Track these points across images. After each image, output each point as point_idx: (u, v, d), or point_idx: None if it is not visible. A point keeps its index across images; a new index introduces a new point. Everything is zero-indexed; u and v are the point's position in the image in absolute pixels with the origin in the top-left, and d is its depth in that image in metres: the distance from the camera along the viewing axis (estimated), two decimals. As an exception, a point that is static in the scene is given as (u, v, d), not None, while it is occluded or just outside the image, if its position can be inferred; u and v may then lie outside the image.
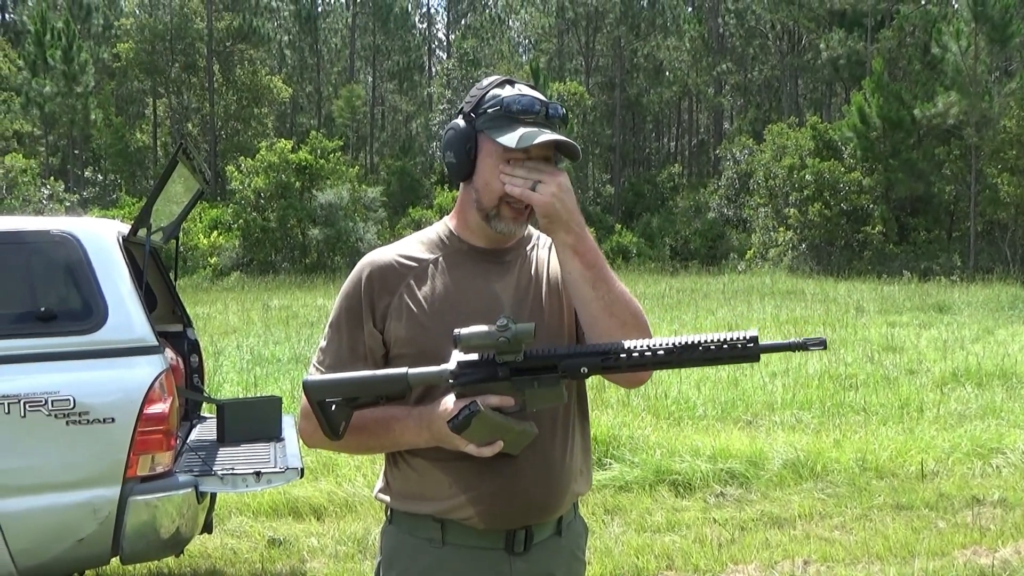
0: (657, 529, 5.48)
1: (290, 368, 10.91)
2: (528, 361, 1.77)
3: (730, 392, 9.15)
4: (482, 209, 1.92)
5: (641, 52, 49.14)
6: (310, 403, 1.81)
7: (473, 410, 1.73)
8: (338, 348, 1.95)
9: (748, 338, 1.72)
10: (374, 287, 1.94)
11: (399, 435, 1.88)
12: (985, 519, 5.57)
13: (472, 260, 1.97)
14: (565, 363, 1.77)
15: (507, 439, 1.78)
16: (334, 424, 1.81)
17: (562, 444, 1.94)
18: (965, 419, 8.02)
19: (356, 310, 1.94)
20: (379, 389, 1.81)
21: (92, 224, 4.25)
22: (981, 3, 27.63)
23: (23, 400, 3.68)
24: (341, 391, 1.81)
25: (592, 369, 1.77)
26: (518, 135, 1.83)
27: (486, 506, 1.87)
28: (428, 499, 1.92)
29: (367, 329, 1.93)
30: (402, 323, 1.91)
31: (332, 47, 56.92)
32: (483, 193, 1.91)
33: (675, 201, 41.44)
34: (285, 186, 31.94)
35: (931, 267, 27.27)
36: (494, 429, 1.76)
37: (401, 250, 1.99)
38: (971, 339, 12.90)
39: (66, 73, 34.23)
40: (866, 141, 30.53)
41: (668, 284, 24.64)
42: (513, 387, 1.77)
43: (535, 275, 1.98)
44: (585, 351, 1.79)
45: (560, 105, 1.94)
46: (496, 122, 1.87)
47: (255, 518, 5.70)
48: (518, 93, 1.90)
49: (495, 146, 1.86)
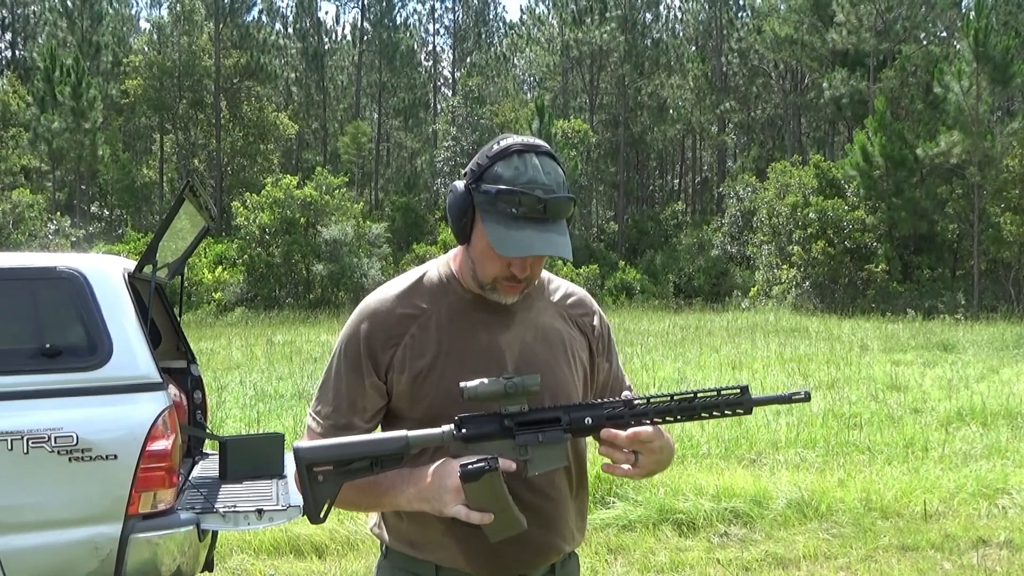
0: (660, 569, 5.44)
1: (293, 404, 10.88)
2: (532, 414, 1.77)
3: (734, 430, 9.10)
4: (476, 279, 1.89)
5: (645, 90, 49.47)
6: (298, 470, 1.74)
7: (492, 466, 1.68)
8: (336, 398, 1.91)
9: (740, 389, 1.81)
10: (375, 339, 1.89)
11: (382, 492, 1.83)
12: (991, 560, 5.52)
13: (475, 309, 1.93)
14: (570, 416, 1.79)
15: (497, 516, 1.72)
16: (319, 500, 1.73)
17: (557, 505, 1.93)
18: (970, 459, 7.97)
19: (356, 362, 1.90)
20: (376, 452, 1.74)
21: (98, 261, 4.27)
22: (982, 44, 27.82)
23: (26, 436, 3.67)
24: (335, 455, 1.74)
25: (596, 422, 1.78)
26: (508, 240, 1.75)
27: (478, 559, 1.87)
28: (421, 545, 1.91)
29: (368, 382, 1.89)
30: (406, 376, 1.88)
31: (338, 84, 57.37)
32: (478, 268, 1.87)
33: (679, 238, 41.51)
34: (290, 222, 32.05)
35: (935, 305, 27.22)
36: (494, 498, 1.71)
37: (402, 297, 1.94)
38: (976, 378, 12.85)
39: (74, 109, 34.52)
40: (869, 179, 30.62)
41: (672, 321, 24.62)
42: (516, 446, 1.76)
43: (542, 331, 1.96)
44: (589, 405, 1.81)
45: (566, 191, 1.81)
46: (492, 207, 1.77)
47: (256, 556, 5.67)
48: (519, 185, 1.76)
49: (489, 222, 1.79)
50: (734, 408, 1.81)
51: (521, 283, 1.87)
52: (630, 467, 1.79)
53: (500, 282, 1.86)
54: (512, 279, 1.85)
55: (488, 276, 1.86)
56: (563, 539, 1.95)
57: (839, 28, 37.46)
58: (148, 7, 76.56)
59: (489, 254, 1.82)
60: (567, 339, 1.99)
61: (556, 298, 2.03)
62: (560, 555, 1.96)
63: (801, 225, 31.08)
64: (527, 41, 53.17)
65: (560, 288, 2.05)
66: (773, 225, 32.76)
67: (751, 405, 1.81)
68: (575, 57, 48.94)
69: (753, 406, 1.82)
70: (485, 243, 1.81)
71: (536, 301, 1.98)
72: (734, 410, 1.82)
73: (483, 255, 1.85)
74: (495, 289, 1.87)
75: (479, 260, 1.86)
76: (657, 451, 1.80)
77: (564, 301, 2.04)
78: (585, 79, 49.82)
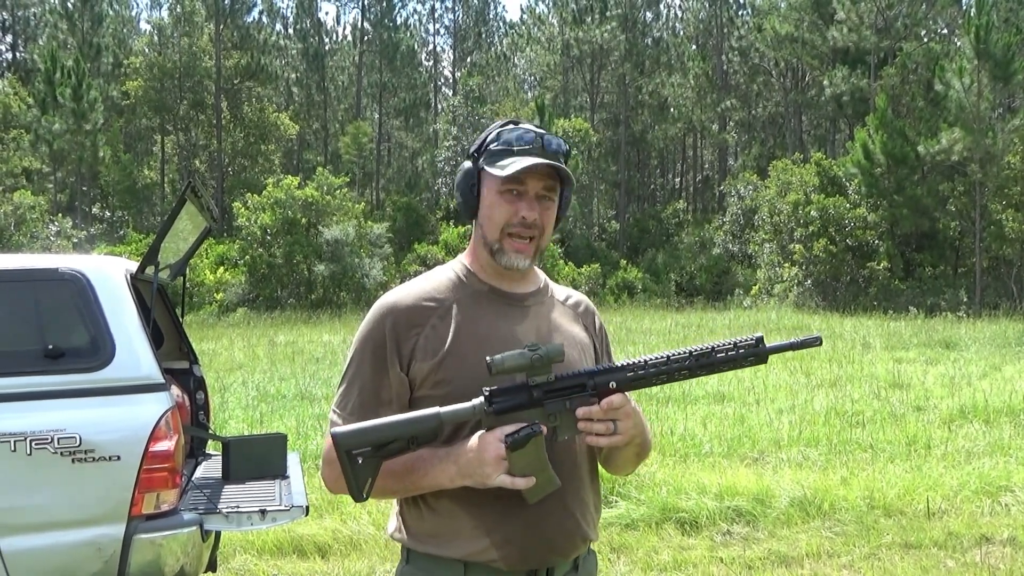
0: (663, 568, 5.44)
1: (295, 405, 10.89)
2: (559, 381, 1.84)
3: (736, 429, 9.11)
4: (487, 244, 1.96)
5: (646, 89, 49.48)
6: (338, 455, 1.79)
7: (535, 430, 1.78)
8: (361, 392, 1.94)
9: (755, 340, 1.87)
10: (399, 329, 1.94)
11: (423, 475, 1.87)
12: (994, 558, 5.52)
13: (491, 301, 1.99)
14: (594, 380, 1.85)
15: (539, 479, 1.80)
16: (361, 480, 1.80)
17: (579, 491, 1.97)
18: (973, 456, 7.96)
19: (381, 353, 1.93)
20: (411, 431, 1.80)
21: (100, 262, 4.27)
22: (983, 41, 27.79)
23: (29, 438, 3.68)
24: (372, 438, 1.80)
25: (620, 384, 1.85)
26: (509, 164, 1.88)
27: (509, 549, 1.88)
28: (450, 541, 1.91)
29: (393, 372, 1.92)
30: (429, 363, 1.91)
31: (339, 84, 57.38)
32: (487, 227, 1.95)
33: (680, 237, 41.51)
34: (291, 222, 32.05)
35: (937, 303, 27.19)
36: (535, 462, 1.79)
37: (420, 291, 1.99)
38: (978, 375, 12.85)
39: (75, 111, 34.53)
40: (870, 177, 30.59)
41: (673, 320, 24.62)
42: (545, 413, 1.83)
43: (555, 326, 2.03)
44: (611, 368, 1.88)
45: (563, 141, 1.97)
46: (495, 157, 1.92)
47: (259, 556, 5.67)
48: (517, 128, 1.95)
49: (494, 179, 1.91)
50: (750, 358, 1.87)
51: (530, 238, 1.93)
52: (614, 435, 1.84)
53: (508, 238, 1.93)
54: (521, 225, 1.92)
55: (497, 227, 1.93)
56: (588, 525, 1.99)
57: (840, 26, 37.43)
58: (148, 8, 76.71)
59: (496, 202, 1.93)
60: (577, 336, 2.06)
61: (561, 299, 2.12)
62: (587, 542, 2.00)
63: (803, 223, 31.06)
64: (527, 40, 53.21)
65: (562, 292, 2.15)
66: (775, 223, 32.74)
67: (766, 353, 1.88)
68: (576, 56, 48.95)
69: (768, 354, 1.88)
70: (492, 193, 1.93)
71: (545, 298, 2.07)
72: (750, 360, 1.88)
73: (491, 207, 1.94)
74: (504, 251, 1.94)
75: (487, 217, 1.95)
76: (632, 414, 1.85)
77: (568, 302, 2.13)
78: (586, 78, 49.82)
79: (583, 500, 1.98)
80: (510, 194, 1.92)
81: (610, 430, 1.83)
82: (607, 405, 1.82)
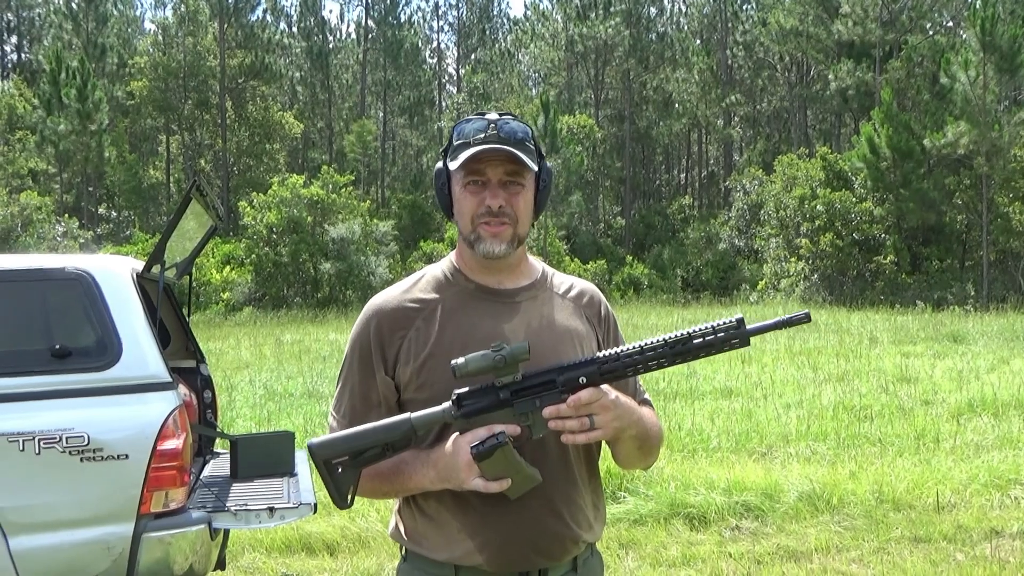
0: (672, 563, 5.44)
1: (303, 403, 10.90)
2: (527, 380, 1.79)
3: (744, 424, 9.10)
4: (465, 238, 1.94)
5: (650, 84, 49.39)
6: (316, 465, 1.81)
7: (501, 440, 1.74)
8: (352, 395, 1.96)
9: (736, 322, 1.77)
10: (383, 333, 1.93)
11: (408, 478, 1.88)
12: (1004, 552, 5.50)
13: (478, 299, 1.96)
14: (563, 376, 1.79)
15: (515, 479, 1.78)
16: (341, 489, 1.82)
17: (569, 492, 1.92)
18: (982, 450, 7.94)
19: (367, 358, 1.94)
20: (384, 438, 1.80)
21: (106, 261, 4.27)
22: (989, 33, 27.71)
23: (38, 437, 3.68)
24: (348, 447, 1.80)
25: (591, 379, 1.79)
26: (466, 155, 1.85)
27: (492, 552, 1.87)
28: (437, 544, 1.91)
29: (379, 376, 1.93)
30: (412, 366, 1.91)
31: (343, 83, 57.36)
32: (460, 222, 1.94)
33: (686, 232, 41.46)
34: (297, 221, 32.09)
35: (944, 296, 27.15)
36: (508, 466, 1.77)
37: (407, 292, 1.99)
38: (986, 369, 12.81)
39: (80, 111, 34.58)
40: (876, 171, 30.53)
41: (680, 315, 24.59)
42: (515, 413, 1.79)
43: (548, 320, 1.98)
44: (581, 362, 1.81)
45: (522, 124, 1.91)
46: (456, 151, 1.89)
47: (268, 554, 5.68)
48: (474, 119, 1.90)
49: (456, 173, 1.90)
50: (730, 341, 1.77)
51: (500, 221, 1.88)
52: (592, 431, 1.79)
53: (480, 226, 1.89)
54: (488, 214, 1.88)
55: (467, 220, 1.91)
56: (579, 527, 1.94)
57: (844, 19, 37.36)
58: (152, 8, 76.92)
59: (462, 195, 1.91)
60: (573, 329, 2.00)
61: (561, 291, 2.06)
62: (578, 545, 1.95)
63: (809, 218, 31.02)
64: (531, 37, 53.08)
65: (564, 282, 2.08)
66: (780, 218, 32.71)
67: (747, 336, 1.77)
68: (580, 52, 48.86)
69: (749, 336, 1.77)
70: (458, 187, 1.91)
71: (540, 292, 2.01)
72: (731, 344, 1.77)
73: (459, 202, 1.92)
74: (481, 238, 1.90)
75: (459, 212, 1.93)
76: (611, 406, 1.79)
77: (568, 294, 2.06)
78: (590, 74, 49.75)
79: (574, 501, 1.93)
80: (473, 185, 1.89)
81: (585, 426, 1.78)
82: (574, 402, 1.76)
